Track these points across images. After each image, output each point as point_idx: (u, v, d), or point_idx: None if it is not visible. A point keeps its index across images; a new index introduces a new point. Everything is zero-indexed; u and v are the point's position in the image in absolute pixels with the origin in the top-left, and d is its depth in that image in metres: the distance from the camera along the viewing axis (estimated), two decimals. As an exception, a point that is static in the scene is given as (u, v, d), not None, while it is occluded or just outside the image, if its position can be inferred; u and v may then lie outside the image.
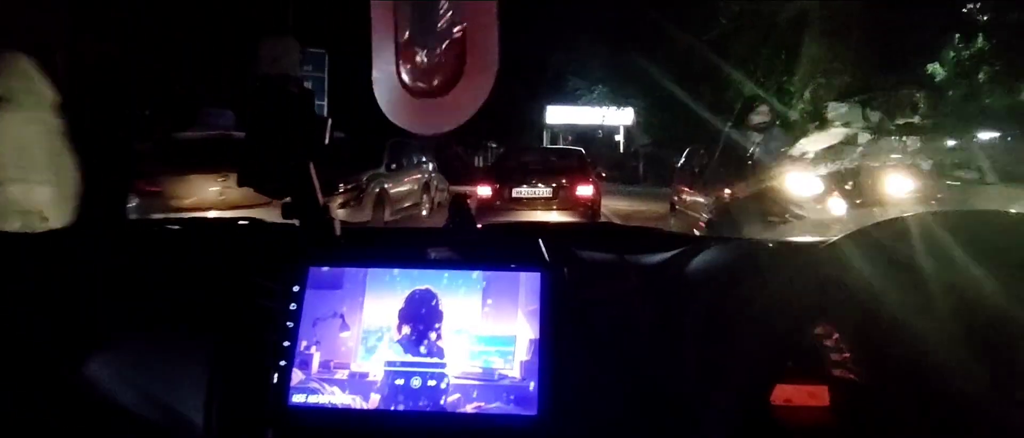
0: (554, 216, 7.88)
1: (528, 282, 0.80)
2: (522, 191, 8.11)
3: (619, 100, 20.12)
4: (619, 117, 21.33)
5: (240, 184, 0.81)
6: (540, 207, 8.00)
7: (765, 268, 0.80)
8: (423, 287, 0.81)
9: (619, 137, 23.01)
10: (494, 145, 27.06)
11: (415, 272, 0.81)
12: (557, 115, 24.00)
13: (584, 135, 24.72)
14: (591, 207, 8.16)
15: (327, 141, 0.81)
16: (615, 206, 11.17)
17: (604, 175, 11.49)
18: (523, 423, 0.75)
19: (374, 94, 0.83)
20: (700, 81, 16.05)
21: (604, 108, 20.70)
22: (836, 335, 0.78)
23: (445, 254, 0.83)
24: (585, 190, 8.12)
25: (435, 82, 0.83)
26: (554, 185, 8.09)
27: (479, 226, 0.92)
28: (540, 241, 0.82)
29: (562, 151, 10.26)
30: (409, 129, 0.84)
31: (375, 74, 0.83)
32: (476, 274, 0.81)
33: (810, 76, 15.11)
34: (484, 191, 8.20)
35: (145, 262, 0.89)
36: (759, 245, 0.85)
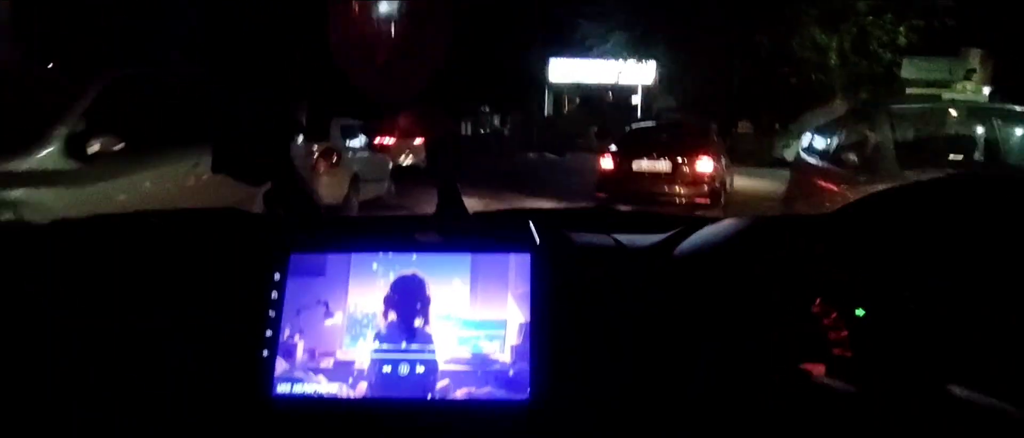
0: (674, 190, 9.64)
1: (518, 264, 0.97)
2: (642, 164, 9.80)
3: (640, 52, 20.01)
4: (638, 74, 21.30)
5: (215, 171, 0.98)
6: (660, 182, 9.71)
7: (762, 245, 0.98)
8: (409, 272, 0.98)
9: (636, 99, 23.01)
10: (486, 109, 27.23)
11: (401, 257, 0.99)
12: (562, 71, 24.14)
13: (592, 96, 24.76)
14: (711, 183, 9.75)
15: (304, 121, 0.98)
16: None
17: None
18: (515, 408, 0.93)
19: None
20: (753, 27, 15.70)
21: (620, 62, 20.63)
22: (834, 313, 0.96)
23: (433, 239, 1.00)
24: (705, 166, 9.68)
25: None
26: (675, 159, 9.68)
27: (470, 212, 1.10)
28: (530, 223, 1.00)
29: (689, 126, 11.96)
30: (383, 100, 1.02)
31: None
32: (464, 258, 0.98)
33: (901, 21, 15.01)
34: (606, 163, 9.99)
35: (124, 254, 1.06)
36: (758, 222, 1.03)
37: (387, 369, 0.95)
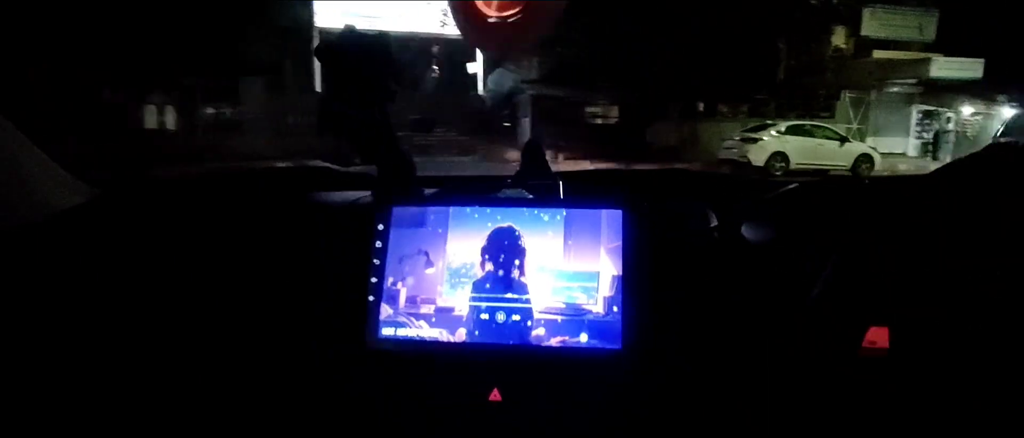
0: None
1: (610, 220, 1.70)
2: None
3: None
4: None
5: (319, 132, 1.69)
6: None
7: (853, 209, 1.73)
8: (505, 224, 1.69)
9: (476, 67, 22.50)
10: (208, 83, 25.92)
11: (497, 210, 1.70)
12: (339, 12, 22.47)
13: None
14: None
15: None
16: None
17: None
18: (608, 356, 1.63)
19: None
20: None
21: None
22: (902, 277, 1.68)
23: (524, 195, 1.71)
24: None
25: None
26: None
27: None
28: (619, 184, 1.75)
29: None
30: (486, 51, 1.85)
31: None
32: (558, 212, 1.70)
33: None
34: None
35: (232, 211, 1.74)
36: (849, 183, 1.82)
37: (484, 316, 1.65)
